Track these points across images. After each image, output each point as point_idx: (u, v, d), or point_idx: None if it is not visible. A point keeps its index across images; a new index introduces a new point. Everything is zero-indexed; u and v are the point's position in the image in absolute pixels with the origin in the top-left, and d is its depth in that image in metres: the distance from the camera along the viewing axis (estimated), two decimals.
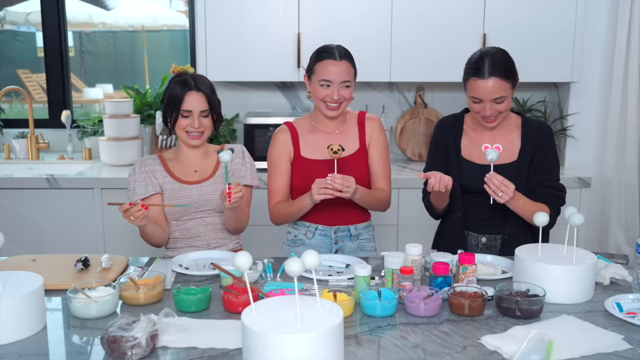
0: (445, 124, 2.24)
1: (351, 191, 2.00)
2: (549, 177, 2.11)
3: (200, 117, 2.13)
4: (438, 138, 2.23)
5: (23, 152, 3.66)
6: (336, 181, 1.98)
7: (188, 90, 2.11)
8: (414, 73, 3.40)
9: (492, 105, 2.02)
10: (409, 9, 3.31)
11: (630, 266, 1.97)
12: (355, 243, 2.26)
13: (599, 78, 3.50)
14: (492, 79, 1.98)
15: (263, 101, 3.72)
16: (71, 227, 3.17)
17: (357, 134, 2.25)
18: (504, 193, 1.92)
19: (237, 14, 3.29)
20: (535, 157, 2.11)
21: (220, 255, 2.07)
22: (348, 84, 2.13)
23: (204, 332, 1.49)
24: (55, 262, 1.97)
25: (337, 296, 1.60)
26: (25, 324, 1.46)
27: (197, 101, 2.12)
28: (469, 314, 1.59)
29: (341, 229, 2.24)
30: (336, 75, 2.11)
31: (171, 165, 2.22)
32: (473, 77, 2.01)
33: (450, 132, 2.20)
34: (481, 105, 2.03)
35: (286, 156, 2.24)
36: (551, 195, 2.09)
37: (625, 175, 3.48)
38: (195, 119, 2.12)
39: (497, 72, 1.98)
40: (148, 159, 2.22)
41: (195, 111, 2.12)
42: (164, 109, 2.17)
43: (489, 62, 1.99)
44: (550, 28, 3.34)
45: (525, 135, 2.13)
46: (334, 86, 2.12)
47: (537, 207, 2.00)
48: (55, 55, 3.81)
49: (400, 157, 3.80)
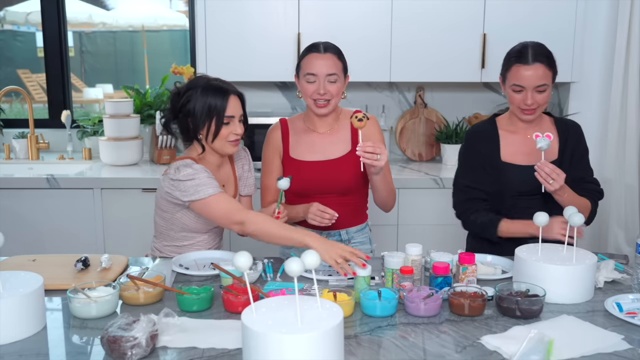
0: (479, 130, 2.19)
1: (384, 159, 1.93)
2: (587, 173, 2.17)
3: (238, 122, 2.02)
4: (474, 145, 2.15)
5: (23, 152, 3.66)
6: (367, 149, 1.90)
7: (228, 95, 1.99)
8: (414, 73, 3.40)
9: (534, 95, 2.01)
10: (409, 9, 3.31)
11: (631, 266, 1.97)
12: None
13: (599, 78, 3.50)
14: (536, 65, 1.99)
15: (263, 101, 3.72)
16: (71, 227, 3.17)
17: (350, 136, 2.20)
18: (555, 181, 1.92)
19: (237, 14, 3.29)
20: (575, 155, 2.14)
21: (220, 255, 2.07)
22: (334, 78, 2.07)
23: (204, 332, 1.49)
24: (55, 262, 1.96)
25: (337, 296, 1.60)
26: (25, 324, 1.46)
27: (237, 105, 2.02)
28: (469, 314, 1.59)
29: (331, 233, 2.22)
30: (320, 69, 2.05)
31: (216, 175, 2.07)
32: (517, 63, 2.01)
33: (487, 138, 2.15)
34: (522, 95, 2.02)
35: (276, 154, 2.23)
36: (593, 190, 2.14)
37: (625, 175, 3.48)
38: (237, 125, 2.00)
39: (541, 59, 2.01)
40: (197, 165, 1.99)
41: (237, 116, 2.01)
42: (198, 121, 1.98)
43: (532, 50, 2.01)
44: (550, 28, 3.33)
45: (563, 134, 2.15)
46: (319, 80, 2.06)
47: (580, 201, 2.04)
48: (55, 55, 3.81)
49: (400, 157, 3.80)
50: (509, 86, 2.05)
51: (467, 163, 2.17)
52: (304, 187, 2.18)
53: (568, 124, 2.19)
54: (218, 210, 1.94)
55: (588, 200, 2.08)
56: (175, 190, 1.97)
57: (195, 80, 2.04)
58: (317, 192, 2.18)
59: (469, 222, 2.15)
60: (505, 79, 2.08)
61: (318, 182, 2.17)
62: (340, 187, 2.17)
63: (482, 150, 2.14)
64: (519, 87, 2.02)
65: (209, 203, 1.94)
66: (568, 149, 2.13)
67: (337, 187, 2.16)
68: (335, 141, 2.19)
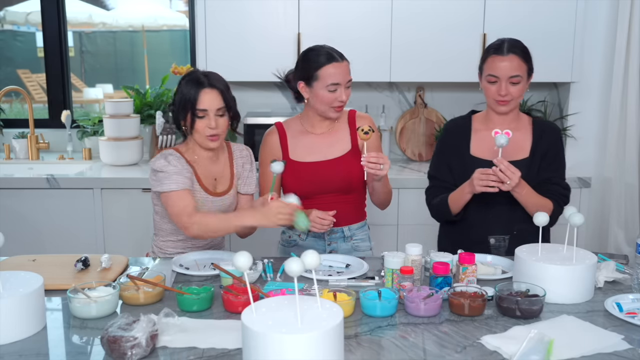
0: (453, 125, 2.27)
1: (387, 168, 1.99)
2: (556, 175, 2.15)
3: (216, 116, 2.01)
4: (446, 139, 2.24)
5: (23, 152, 3.66)
6: (371, 160, 1.95)
7: (202, 88, 1.99)
8: (414, 73, 3.40)
9: (508, 86, 2.05)
10: (409, 9, 3.31)
11: (631, 266, 1.97)
12: (349, 244, 2.25)
13: (599, 78, 3.50)
14: (510, 56, 2.06)
15: (263, 101, 3.72)
16: (71, 227, 3.17)
17: (349, 134, 2.22)
18: (511, 179, 1.94)
19: (237, 14, 3.29)
20: (547, 156, 2.14)
21: (220, 255, 2.07)
22: (349, 84, 2.13)
23: (204, 332, 1.49)
24: (55, 262, 1.96)
25: (337, 296, 1.60)
26: (25, 324, 1.46)
27: (212, 99, 1.99)
28: (469, 314, 1.59)
29: (334, 230, 2.23)
30: (342, 77, 2.10)
31: (196, 168, 2.10)
32: (493, 54, 2.08)
33: (459, 132, 2.21)
34: (497, 85, 2.07)
35: (273, 158, 2.23)
36: (557, 192, 2.12)
37: (625, 175, 3.47)
38: (212, 119, 2.00)
39: (516, 51, 2.08)
40: (180, 158, 2.05)
41: (211, 110, 2.00)
42: (177, 112, 2.04)
43: (508, 43, 2.09)
44: (550, 28, 3.34)
45: (538, 133, 2.16)
46: (341, 88, 2.11)
47: (540, 200, 2.06)
48: (55, 55, 3.81)
49: (400, 157, 3.80)
50: (485, 77, 2.10)
51: (436, 154, 2.27)
52: (304, 188, 2.19)
53: (545, 125, 2.21)
54: (173, 207, 1.98)
55: (550, 202, 2.09)
56: (150, 178, 2.05)
57: (191, 72, 2.09)
58: (318, 192, 2.19)
59: (430, 207, 2.24)
60: (482, 72, 2.14)
61: (319, 183, 2.17)
62: (342, 186, 2.18)
63: (450, 145, 2.20)
64: (493, 78, 2.07)
65: (168, 198, 1.99)
66: (540, 149, 2.14)
67: (338, 186, 2.17)
68: (334, 141, 2.20)
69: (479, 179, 1.98)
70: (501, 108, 2.10)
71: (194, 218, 1.94)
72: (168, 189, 1.98)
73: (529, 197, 2.04)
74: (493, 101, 2.10)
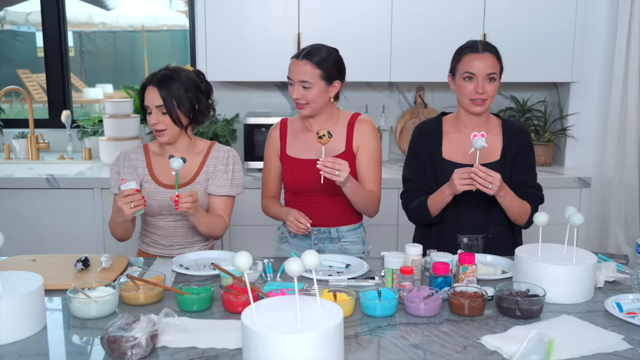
0: (424, 127, 2.25)
1: (344, 175, 1.95)
2: (529, 177, 2.16)
3: (159, 114, 2.07)
4: (418, 142, 2.22)
5: (23, 152, 3.66)
6: (327, 164, 1.94)
7: (146, 85, 2.08)
8: (414, 73, 3.40)
9: (484, 83, 2.06)
10: (409, 9, 3.31)
11: (631, 266, 1.97)
12: (337, 245, 2.24)
13: (599, 78, 3.50)
14: (486, 54, 2.08)
15: (263, 101, 3.72)
16: (71, 227, 3.17)
17: (345, 136, 2.21)
18: (492, 184, 1.94)
19: (237, 14, 3.29)
20: (517, 158, 2.15)
21: (220, 255, 2.07)
22: (307, 85, 2.10)
23: (204, 332, 1.49)
24: (55, 262, 1.97)
25: (337, 296, 1.60)
26: (25, 324, 1.46)
27: (151, 97, 2.07)
28: (469, 314, 1.59)
29: (322, 230, 2.23)
30: (294, 74, 2.12)
31: (154, 160, 2.16)
32: (469, 53, 2.09)
33: (431, 135, 2.20)
34: (474, 83, 2.07)
35: (274, 153, 2.27)
36: (533, 195, 2.14)
37: (625, 175, 3.48)
38: (153, 115, 2.08)
39: (491, 49, 2.10)
40: (132, 152, 2.18)
41: (151, 106, 2.07)
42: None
43: (481, 43, 2.12)
44: (550, 28, 3.34)
45: (507, 136, 2.17)
46: (294, 84, 2.13)
47: (522, 204, 2.08)
48: (55, 55, 3.81)
49: (401, 157, 3.79)
50: (460, 76, 2.09)
51: (408, 157, 2.26)
52: (296, 184, 2.21)
53: (515, 127, 2.21)
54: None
55: (529, 205, 2.10)
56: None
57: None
58: (311, 190, 2.20)
59: (409, 211, 2.23)
60: (455, 72, 2.13)
61: (311, 180, 2.17)
62: (331, 186, 2.16)
63: (422, 148, 2.19)
64: (470, 74, 2.07)
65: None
66: (511, 151, 2.14)
67: (327, 185, 2.16)
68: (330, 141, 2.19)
69: (459, 178, 1.96)
70: (476, 108, 2.09)
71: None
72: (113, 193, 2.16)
73: (512, 202, 2.04)
74: (468, 101, 2.09)
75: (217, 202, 2.18)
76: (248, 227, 3.15)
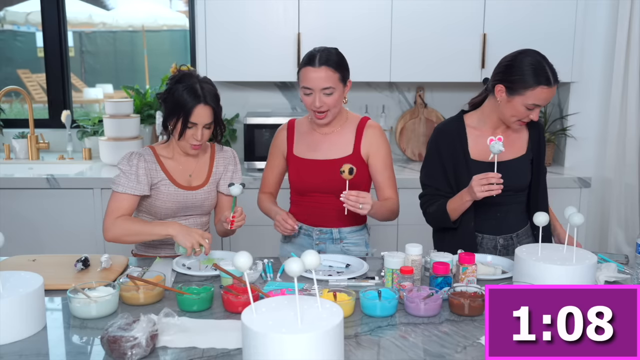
0: (445, 130, 2.17)
1: (367, 208, 1.97)
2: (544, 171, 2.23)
3: (204, 129, 2.07)
4: (442, 145, 2.14)
5: (23, 152, 3.66)
6: (350, 198, 1.96)
7: (197, 103, 2.02)
8: (414, 73, 3.40)
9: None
10: (409, 9, 3.31)
11: (631, 266, 1.97)
12: (339, 246, 2.23)
13: (599, 78, 3.50)
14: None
15: (263, 101, 3.72)
16: (71, 227, 3.17)
17: (353, 140, 2.20)
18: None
19: (237, 14, 3.29)
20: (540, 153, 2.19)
21: (220, 255, 2.07)
22: (329, 90, 2.07)
23: (204, 332, 1.49)
24: (55, 262, 1.97)
25: (337, 296, 1.60)
26: (25, 324, 1.46)
27: (204, 115, 2.04)
28: (469, 314, 1.59)
29: (324, 230, 2.23)
30: (315, 83, 2.06)
31: (167, 164, 2.15)
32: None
33: (453, 136, 2.14)
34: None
35: (279, 152, 2.28)
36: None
37: (625, 175, 3.47)
38: (199, 131, 2.05)
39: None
40: (145, 154, 2.12)
41: (201, 124, 2.05)
42: (167, 113, 2.08)
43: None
44: (550, 28, 3.34)
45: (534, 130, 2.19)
46: (315, 93, 2.07)
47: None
48: (55, 55, 3.81)
49: (401, 157, 3.80)
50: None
51: (427, 160, 2.21)
52: (302, 183, 2.22)
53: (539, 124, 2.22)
54: (108, 207, 2.08)
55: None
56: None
57: (188, 76, 2.08)
58: (315, 191, 2.20)
59: (427, 215, 2.21)
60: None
61: (316, 181, 2.18)
62: (336, 187, 2.16)
63: (445, 151, 2.13)
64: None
65: (111, 197, 2.09)
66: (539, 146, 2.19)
67: (333, 187, 2.16)
68: (337, 142, 2.20)
69: (479, 185, 1.93)
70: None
71: (117, 220, 2.03)
72: (115, 189, 2.07)
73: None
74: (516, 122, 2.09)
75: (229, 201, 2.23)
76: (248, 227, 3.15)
